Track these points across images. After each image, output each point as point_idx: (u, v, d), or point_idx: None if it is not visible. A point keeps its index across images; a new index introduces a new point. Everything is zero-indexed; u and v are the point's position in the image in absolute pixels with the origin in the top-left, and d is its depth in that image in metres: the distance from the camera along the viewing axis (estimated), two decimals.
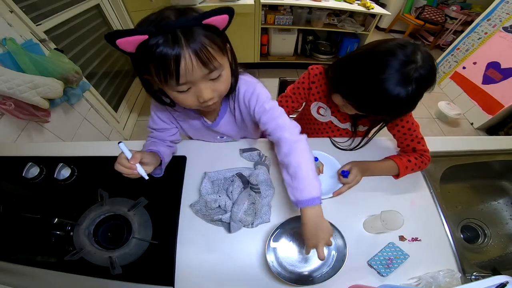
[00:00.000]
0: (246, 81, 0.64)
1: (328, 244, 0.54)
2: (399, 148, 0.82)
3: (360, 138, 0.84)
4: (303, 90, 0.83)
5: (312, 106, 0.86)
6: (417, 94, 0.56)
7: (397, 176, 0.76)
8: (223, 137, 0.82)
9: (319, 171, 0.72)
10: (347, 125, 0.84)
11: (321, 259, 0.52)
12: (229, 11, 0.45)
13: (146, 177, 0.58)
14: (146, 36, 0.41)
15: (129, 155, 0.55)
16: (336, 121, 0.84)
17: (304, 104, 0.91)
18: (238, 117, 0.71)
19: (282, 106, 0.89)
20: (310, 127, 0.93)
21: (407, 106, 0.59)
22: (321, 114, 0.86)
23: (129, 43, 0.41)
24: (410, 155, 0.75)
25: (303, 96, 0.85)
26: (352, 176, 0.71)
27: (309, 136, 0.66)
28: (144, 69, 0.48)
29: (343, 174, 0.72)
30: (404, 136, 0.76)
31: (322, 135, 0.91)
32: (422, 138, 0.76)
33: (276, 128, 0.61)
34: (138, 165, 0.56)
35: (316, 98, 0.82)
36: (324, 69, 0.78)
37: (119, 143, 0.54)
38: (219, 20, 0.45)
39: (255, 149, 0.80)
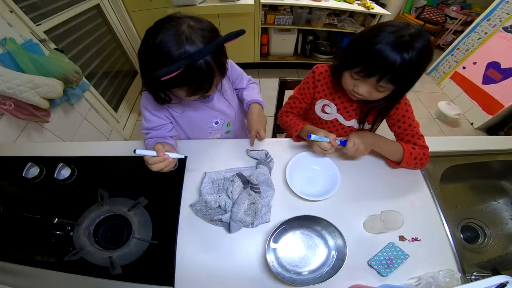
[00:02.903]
0: None
1: (263, 131, 0.80)
2: None
3: None
4: (308, 90, 0.84)
5: (317, 104, 0.86)
6: (416, 60, 0.55)
7: (398, 164, 0.75)
8: (217, 123, 0.84)
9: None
10: (351, 123, 0.84)
11: (262, 139, 0.83)
12: (243, 32, 0.55)
13: (183, 156, 0.63)
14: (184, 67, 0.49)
15: (152, 153, 0.59)
16: (341, 119, 0.84)
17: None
18: (224, 86, 0.81)
19: (291, 107, 0.92)
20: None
21: (408, 70, 0.57)
22: (326, 112, 0.86)
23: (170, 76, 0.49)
24: (413, 146, 0.75)
25: (309, 96, 0.85)
26: (350, 144, 0.68)
27: None
28: (169, 86, 0.56)
29: (341, 143, 0.70)
30: (405, 132, 0.77)
31: None
32: (422, 136, 0.77)
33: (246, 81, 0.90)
34: (168, 153, 0.60)
35: (322, 95, 0.83)
36: (330, 66, 0.78)
37: (134, 151, 0.57)
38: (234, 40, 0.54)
39: (263, 150, 0.80)
